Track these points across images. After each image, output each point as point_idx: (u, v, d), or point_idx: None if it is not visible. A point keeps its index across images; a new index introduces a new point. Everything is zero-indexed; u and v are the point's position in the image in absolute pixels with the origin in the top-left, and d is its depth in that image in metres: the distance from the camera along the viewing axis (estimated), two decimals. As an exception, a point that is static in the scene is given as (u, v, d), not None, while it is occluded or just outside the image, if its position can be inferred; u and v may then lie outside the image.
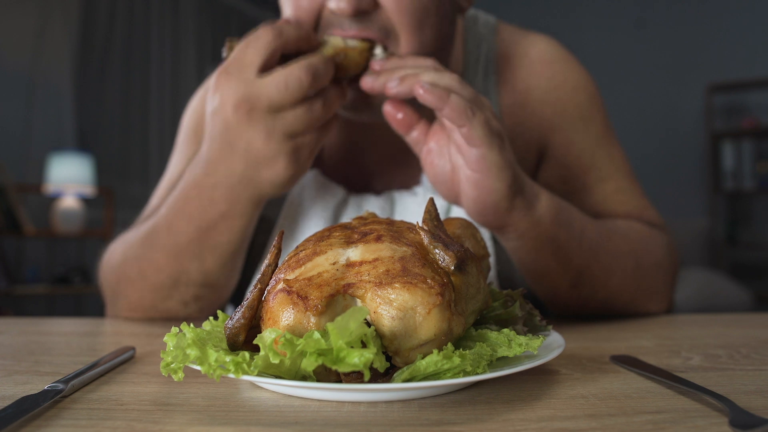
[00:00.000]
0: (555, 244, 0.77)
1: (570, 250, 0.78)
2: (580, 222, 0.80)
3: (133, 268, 0.87)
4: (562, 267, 0.80)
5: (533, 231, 0.75)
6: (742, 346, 0.64)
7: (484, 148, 0.66)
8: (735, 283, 4.11)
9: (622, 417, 0.39)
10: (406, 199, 0.90)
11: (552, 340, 0.55)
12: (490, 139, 0.66)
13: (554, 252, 0.78)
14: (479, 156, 0.66)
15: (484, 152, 0.66)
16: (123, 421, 0.39)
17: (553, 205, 0.76)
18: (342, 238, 0.48)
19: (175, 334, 0.44)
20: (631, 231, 0.89)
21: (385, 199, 0.91)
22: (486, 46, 0.98)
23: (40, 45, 4.24)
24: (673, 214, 4.90)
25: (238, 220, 0.80)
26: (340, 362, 0.38)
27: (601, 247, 0.82)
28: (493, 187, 0.68)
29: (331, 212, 0.89)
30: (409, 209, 0.88)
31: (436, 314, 0.42)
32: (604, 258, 0.82)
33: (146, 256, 0.86)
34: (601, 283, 0.84)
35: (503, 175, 0.68)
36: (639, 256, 0.87)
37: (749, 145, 5.06)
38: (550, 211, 0.75)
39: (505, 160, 0.68)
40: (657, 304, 0.92)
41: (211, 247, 0.81)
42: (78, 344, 0.73)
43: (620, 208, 0.94)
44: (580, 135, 0.96)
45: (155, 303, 0.87)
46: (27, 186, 4.08)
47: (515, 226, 0.73)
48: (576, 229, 0.79)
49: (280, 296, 0.44)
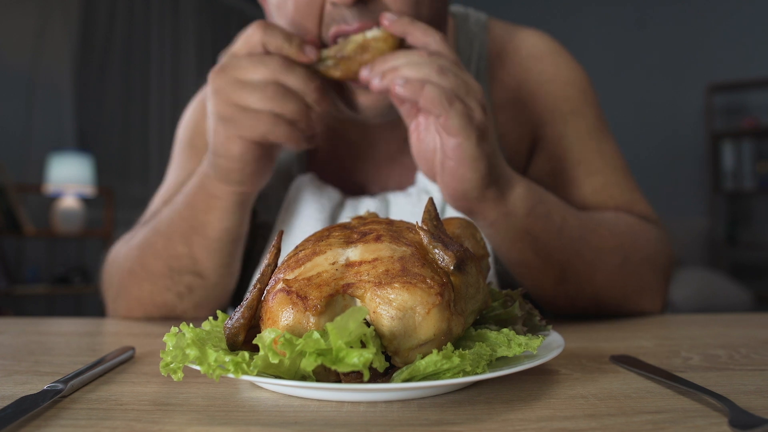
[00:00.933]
0: (532, 237, 0.78)
1: (549, 244, 0.79)
2: (560, 215, 0.80)
3: (135, 262, 0.91)
4: (541, 261, 0.80)
5: (504, 221, 0.76)
6: (741, 346, 0.64)
7: (460, 137, 0.67)
8: (735, 283, 4.11)
9: (622, 417, 0.39)
10: (401, 200, 0.90)
11: (551, 340, 0.55)
12: (468, 130, 0.67)
13: (532, 245, 0.78)
14: (456, 145, 0.67)
15: (460, 142, 0.67)
16: (122, 421, 0.39)
17: (529, 196, 0.76)
18: (341, 238, 0.48)
19: (174, 334, 0.44)
20: (618, 224, 0.88)
21: (381, 201, 0.92)
22: (478, 44, 0.99)
23: (40, 45, 4.24)
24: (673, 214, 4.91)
25: (221, 213, 0.82)
26: (339, 362, 0.38)
27: (585, 241, 0.82)
28: (465, 176, 0.70)
29: (327, 215, 0.89)
30: (403, 210, 0.89)
31: (436, 314, 0.42)
32: (587, 252, 0.82)
33: (146, 246, 0.89)
34: (586, 279, 0.83)
35: (477, 165, 0.69)
36: (627, 251, 0.86)
37: (749, 145, 5.06)
38: (525, 203, 0.76)
39: (481, 151, 0.68)
40: (650, 301, 0.91)
41: (198, 235, 0.84)
42: (77, 344, 0.73)
43: (610, 202, 0.94)
44: (571, 128, 0.96)
45: (153, 296, 0.89)
46: (27, 186, 4.08)
47: (484, 214, 0.75)
48: (555, 222, 0.79)
49: (279, 296, 0.44)
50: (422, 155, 0.74)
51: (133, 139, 4.88)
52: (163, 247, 0.87)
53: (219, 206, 0.82)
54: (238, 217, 0.83)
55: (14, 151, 4.11)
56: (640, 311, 0.91)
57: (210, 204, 0.82)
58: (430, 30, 0.71)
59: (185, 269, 0.86)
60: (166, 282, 0.88)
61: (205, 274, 0.87)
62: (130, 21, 4.90)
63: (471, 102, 0.68)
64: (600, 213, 0.90)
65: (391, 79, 0.68)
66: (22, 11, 4.17)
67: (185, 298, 0.88)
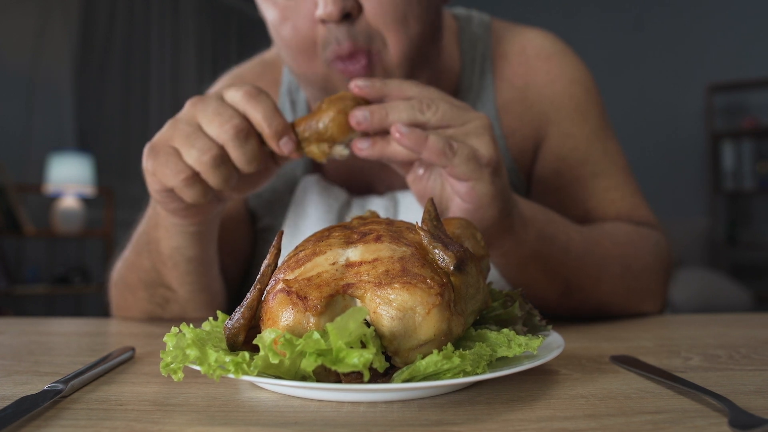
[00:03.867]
0: (540, 259, 0.77)
1: (555, 263, 0.78)
2: (565, 233, 0.80)
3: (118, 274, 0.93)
4: (548, 279, 0.80)
5: (515, 249, 0.75)
6: (741, 346, 0.64)
7: (471, 181, 0.64)
8: (735, 283, 4.11)
9: (622, 417, 0.39)
10: (410, 199, 0.90)
11: (551, 340, 0.55)
12: (477, 172, 0.63)
13: (539, 266, 0.78)
14: (468, 188, 0.64)
15: (472, 185, 0.64)
16: (122, 421, 0.39)
17: (536, 219, 0.76)
18: (341, 238, 0.48)
19: (174, 334, 0.44)
20: (619, 235, 0.88)
21: (389, 200, 0.91)
22: (482, 45, 0.99)
23: (40, 45, 4.24)
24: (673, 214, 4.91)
25: (165, 232, 0.80)
26: (339, 362, 0.38)
27: (588, 256, 0.82)
28: (484, 216, 0.67)
29: (334, 215, 0.89)
30: (412, 209, 0.89)
31: (436, 314, 0.42)
32: (591, 266, 0.82)
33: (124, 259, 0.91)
34: (590, 291, 0.84)
35: (494, 203, 0.66)
36: (628, 261, 0.87)
37: (749, 145, 5.06)
38: (534, 227, 0.75)
39: (495, 189, 0.65)
40: (651, 304, 0.92)
41: (154, 250, 0.83)
42: (78, 344, 0.73)
43: (611, 207, 0.94)
44: (576, 128, 0.96)
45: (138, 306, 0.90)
46: (27, 186, 4.08)
47: (499, 243, 0.73)
48: (561, 241, 0.78)
49: (279, 296, 0.44)
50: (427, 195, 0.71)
51: (133, 139, 4.87)
52: (133, 260, 0.88)
53: (162, 225, 0.79)
54: (185, 240, 0.79)
55: (14, 151, 4.10)
56: (640, 313, 0.91)
57: (156, 221, 0.80)
58: (406, 83, 0.67)
59: (154, 282, 0.86)
60: (144, 294, 0.88)
61: (173, 288, 0.86)
62: (130, 21, 4.89)
63: (474, 140, 0.64)
64: (601, 224, 0.90)
65: (384, 146, 0.65)
66: (22, 11, 4.17)
67: (165, 308, 0.89)
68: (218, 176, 0.65)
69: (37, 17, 4.23)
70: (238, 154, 0.65)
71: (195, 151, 0.64)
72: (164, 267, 0.84)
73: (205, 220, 0.77)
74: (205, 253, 0.83)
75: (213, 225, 0.81)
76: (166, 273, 0.84)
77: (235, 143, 0.64)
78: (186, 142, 0.65)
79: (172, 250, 0.81)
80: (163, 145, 0.66)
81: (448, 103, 0.65)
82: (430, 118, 0.63)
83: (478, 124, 0.65)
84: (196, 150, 0.64)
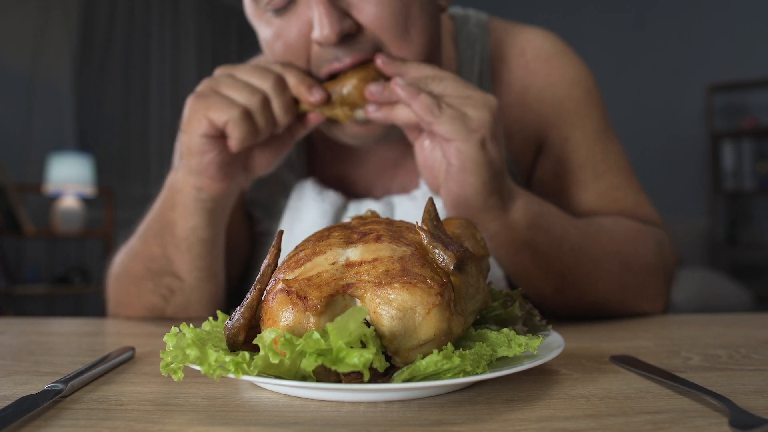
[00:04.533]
0: (532, 249, 0.77)
1: (549, 255, 0.78)
2: (561, 226, 0.79)
3: (120, 267, 0.93)
4: (542, 272, 0.80)
5: (506, 234, 0.75)
6: (741, 346, 0.64)
7: (457, 141, 0.67)
8: (735, 283, 4.11)
9: (622, 417, 0.39)
10: (406, 203, 0.90)
11: (551, 340, 0.55)
12: (463, 134, 0.67)
13: (532, 257, 0.78)
14: (455, 149, 0.68)
15: (458, 145, 0.68)
16: (122, 421, 0.39)
17: (530, 209, 0.76)
18: (341, 238, 0.48)
19: (174, 334, 0.44)
20: (618, 230, 0.88)
21: (385, 204, 0.91)
22: (480, 46, 0.97)
23: (40, 45, 4.24)
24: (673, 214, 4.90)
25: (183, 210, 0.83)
26: (339, 362, 0.38)
27: (585, 251, 0.81)
28: (467, 180, 0.69)
29: (330, 219, 0.89)
30: (408, 213, 0.88)
31: (436, 314, 0.42)
32: (588, 262, 0.82)
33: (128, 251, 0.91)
34: (586, 287, 0.83)
35: (480, 170, 0.69)
36: (626, 257, 0.86)
37: (749, 145, 5.06)
38: (526, 215, 0.75)
39: (484, 156, 0.68)
40: (650, 304, 0.91)
41: (168, 234, 0.85)
42: (78, 344, 0.73)
43: (614, 206, 0.94)
44: (577, 130, 0.95)
45: (140, 299, 0.89)
46: (27, 186, 4.08)
47: (485, 225, 0.74)
48: (556, 234, 0.78)
49: (279, 296, 0.44)
50: (428, 168, 0.75)
51: (133, 139, 4.88)
52: (141, 249, 0.88)
53: (182, 202, 0.82)
54: (202, 219, 0.83)
55: (14, 151, 4.11)
56: (640, 313, 0.91)
57: (174, 200, 0.83)
58: (423, 65, 0.74)
59: (162, 270, 0.87)
60: (148, 284, 0.88)
61: (181, 275, 0.86)
62: (130, 21, 4.89)
63: (469, 109, 0.68)
64: (600, 219, 0.89)
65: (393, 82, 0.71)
66: (22, 11, 4.17)
67: (170, 300, 0.88)
68: (264, 118, 0.75)
69: (37, 17, 4.23)
70: (279, 102, 0.75)
71: (245, 92, 0.74)
72: (177, 251, 0.84)
73: (225, 192, 0.81)
74: (218, 237, 0.86)
75: (227, 207, 0.85)
76: (177, 258, 0.85)
77: (276, 91, 0.75)
78: (234, 86, 0.74)
79: (188, 231, 0.83)
80: (210, 91, 0.75)
81: (456, 81, 0.71)
82: (434, 89, 0.70)
83: (479, 97, 0.70)
84: (246, 92, 0.74)
